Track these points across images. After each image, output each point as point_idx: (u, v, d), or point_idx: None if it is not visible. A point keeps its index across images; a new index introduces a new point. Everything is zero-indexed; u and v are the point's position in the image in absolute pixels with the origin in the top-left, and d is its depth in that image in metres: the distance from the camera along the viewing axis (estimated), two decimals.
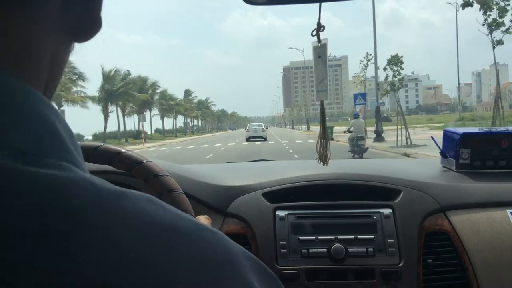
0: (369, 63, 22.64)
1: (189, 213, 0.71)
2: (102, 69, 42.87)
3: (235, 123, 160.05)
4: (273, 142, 28.15)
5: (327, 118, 0.99)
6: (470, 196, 1.09)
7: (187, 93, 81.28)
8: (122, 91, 42.29)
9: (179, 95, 77.95)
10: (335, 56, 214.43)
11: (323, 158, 0.98)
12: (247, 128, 36.11)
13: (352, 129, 12.42)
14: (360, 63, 23.09)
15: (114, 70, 43.86)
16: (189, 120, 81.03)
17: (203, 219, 0.72)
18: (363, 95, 21.45)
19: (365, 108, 23.42)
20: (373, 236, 1.01)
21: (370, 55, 22.88)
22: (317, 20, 0.89)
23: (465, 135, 1.21)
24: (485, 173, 1.22)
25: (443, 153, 1.28)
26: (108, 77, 42.59)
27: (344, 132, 14.11)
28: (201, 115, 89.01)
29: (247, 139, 32.24)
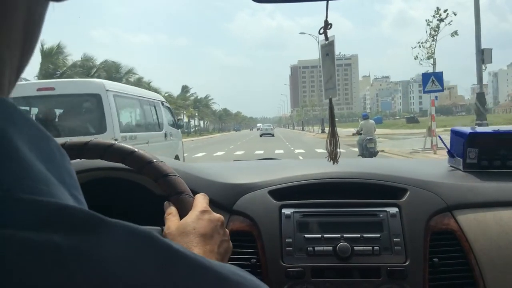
0: (442, 24, 13.93)
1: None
2: (42, 46, 30.33)
3: (240, 123, 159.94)
4: (282, 151, 20.83)
5: (336, 119, 1.02)
6: (477, 195, 1.12)
7: (184, 89, 73.30)
8: (68, 74, 29.89)
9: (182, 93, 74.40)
10: (344, 55, 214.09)
11: (333, 156, 1.02)
12: (260, 127, 57.38)
13: (361, 130, 12.09)
14: (428, 25, 14.26)
15: (57, 46, 31.58)
16: (186, 119, 74.46)
17: (201, 196, 0.75)
18: (439, 76, 13.14)
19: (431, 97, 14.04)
20: (379, 235, 1.04)
21: (446, 11, 14.10)
22: (324, 18, 0.93)
23: (472, 135, 1.24)
24: (493, 172, 1.24)
25: (450, 153, 1.31)
26: (49, 56, 30.66)
27: (353, 134, 13.46)
28: (198, 113, 79.10)
29: (260, 136, 48.12)
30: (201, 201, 0.74)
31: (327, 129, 1.03)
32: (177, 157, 9.32)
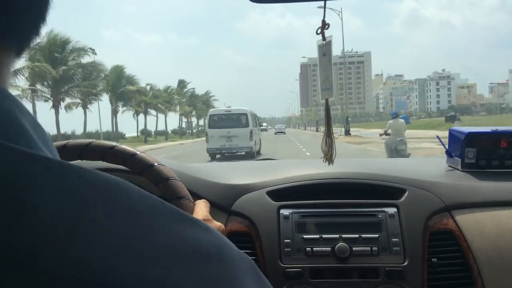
0: None
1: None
2: None
3: None
4: None
5: (349, 119, 1.06)
6: (475, 195, 1.15)
7: (181, 83, 69.91)
8: None
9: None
10: (357, 52, 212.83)
11: (329, 157, 1.06)
12: (275, 127, 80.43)
13: (389, 131, 11.16)
14: None
15: None
16: (184, 119, 69.79)
17: (202, 203, 0.77)
18: None
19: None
20: (377, 235, 1.07)
21: None
22: (322, 18, 0.97)
23: (470, 135, 1.28)
24: (491, 172, 1.28)
25: (448, 153, 1.35)
26: None
27: (380, 135, 12.31)
28: (197, 111, 72.27)
29: (275, 133, 57.97)
30: (202, 208, 0.75)
31: (353, 129, 1.04)
32: (260, 140, 20.34)
